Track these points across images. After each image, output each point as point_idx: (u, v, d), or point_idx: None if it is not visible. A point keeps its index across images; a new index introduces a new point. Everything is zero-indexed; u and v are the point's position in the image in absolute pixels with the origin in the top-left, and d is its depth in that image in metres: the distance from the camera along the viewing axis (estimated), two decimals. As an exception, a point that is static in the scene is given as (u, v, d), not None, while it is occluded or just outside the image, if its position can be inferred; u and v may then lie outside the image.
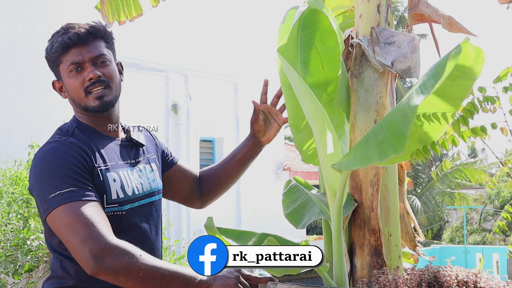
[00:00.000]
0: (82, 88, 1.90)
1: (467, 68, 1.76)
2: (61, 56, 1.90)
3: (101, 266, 1.65)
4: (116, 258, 1.66)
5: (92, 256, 1.65)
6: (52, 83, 2.00)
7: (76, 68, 1.89)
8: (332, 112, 2.18)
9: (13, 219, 4.11)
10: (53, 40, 1.93)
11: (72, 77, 1.90)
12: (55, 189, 1.74)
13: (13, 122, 8.73)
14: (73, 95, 1.92)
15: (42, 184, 1.77)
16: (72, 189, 1.75)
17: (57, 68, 1.94)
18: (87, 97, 1.90)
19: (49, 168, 1.79)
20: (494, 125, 1.75)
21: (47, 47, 1.95)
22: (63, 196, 1.73)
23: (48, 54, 1.94)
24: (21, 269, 3.93)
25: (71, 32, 1.90)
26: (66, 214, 1.71)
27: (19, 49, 8.99)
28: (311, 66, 2.20)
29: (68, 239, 1.70)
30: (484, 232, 20.39)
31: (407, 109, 1.68)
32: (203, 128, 11.63)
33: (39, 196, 1.79)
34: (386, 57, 2.11)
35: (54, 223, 1.74)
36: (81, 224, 1.69)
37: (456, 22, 2.27)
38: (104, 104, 1.91)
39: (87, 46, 1.90)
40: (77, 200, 1.73)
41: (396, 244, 2.14)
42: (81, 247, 1.66)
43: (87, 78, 1.89)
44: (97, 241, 1.67)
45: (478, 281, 1.64)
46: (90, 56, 1.90)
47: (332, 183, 1.98)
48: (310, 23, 2.17)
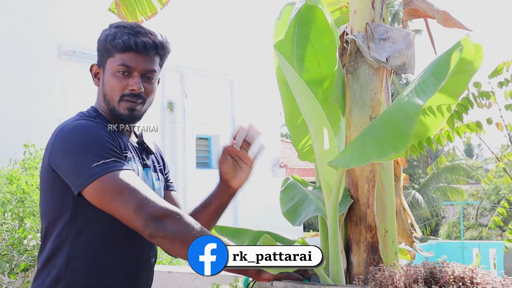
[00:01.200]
0: (120, 93, 1.86)
1: (466, 64, 1.76)
2: (117, 53, 1.85)
3: (161, 228, 1.66)
4: (175, 222, 1.67)
5: (151, 219, 1.65)
6: (91, 66, 1.94)
7: (124, 71, 1.85)
8: (328, 108, 2.17)
9: (8, 218, 4.10)
10: (116, 33, 1.86)
11: (117, 77, 1.86)
12: (98, 158, 1.70)
13: (13, 121, 8.71)
14: (108, 92, 1.88)
15: (80, 156, 1.71)
16: (115, 159, 1.73)
17: (105, 58, 1.89)
18: (120, 103, 1.87)
19: (87, 140, 1.74)
20: (490, 120, 1.74)
21: (107, 34, 1.88)
22: (108, 165, 1.70)
23: (105, 42, 1.88)
24: (17, 268, 3.92)
25: (139, 38, 1.85)
26: (115, 181, 1.68)
27: (19, 49, 8.96)
28: (307, 62, 2.20)
29: (119, 206, 1.68)
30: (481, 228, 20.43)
31: (409, 109, 1.68)
32: (199, 125, 11.63)
33: (74, 168, 1.71)
34: (381, 53, 2.10)
35: (100, 192, 1.69)
36: (133, 191, 1.68)
37: (451, 17, 2.26)
38: (132, 117, 1.90)
39: (145, 57, 1.87)
40: (123, 168, 1.72)
41: (393, 241, 2.14)
42: (138, 212, 1.66)
43: (130, 87, 1.85)
44: (156, 205, 1.67)
45: (475, 277, 1.64)
46: (143, 68, 1.86)
47: (328, 180, 1.98)
48: (306, 20, 2.16)
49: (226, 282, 3.45)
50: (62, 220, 1.80)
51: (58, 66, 9.35)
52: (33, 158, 5.35)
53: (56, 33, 9.31)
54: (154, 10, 3.06)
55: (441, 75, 1.66)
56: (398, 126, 1.70)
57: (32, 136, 6.88)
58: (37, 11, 9.13)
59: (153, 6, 3.06)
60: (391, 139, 1.70)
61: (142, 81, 1.87)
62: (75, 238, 1.79)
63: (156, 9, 3.07)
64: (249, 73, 12.57)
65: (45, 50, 9.25)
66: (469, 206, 22.08)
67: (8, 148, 7.82)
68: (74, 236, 1.79)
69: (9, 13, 8.91)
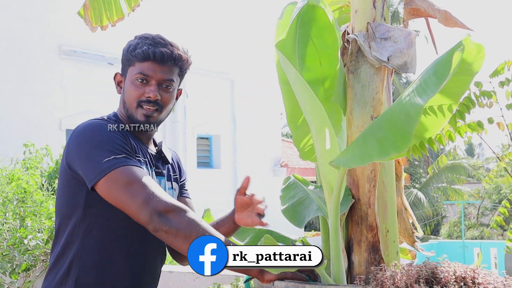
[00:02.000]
0: (137, 99, 1.92)
1: (467, 64, 1.76)
2: (136, 62, 1.92)
3: (165, 222, 1.69)
4: (179, 217, 1.71)
5: (156, 213, 1.70)
6: (115, 74, 2.02)
7: (142, 79, 1.92)
8: (330, 108, 2.17)
9: (9, 218, 4.10)
10: (138, 43, 1.94)
11: (134, 84, 1.93)
12: (109, 154, 1.76)
13: (9, 121, 8.71)
14: (127, 99, 1.95)
15: (92, 152, 1.78)
16: (126, 155, 1.79)
17: (127, 67, 1.96)
18: (137, 109, 1.93)
19: (99, 137, 1.81)
20: (491, 120, 1.74)
21: (130, 45, 1.96)
22: (118, 160, 1.76)
23: (127, 52, 1.96)
24: (18, 268, 3.92)
25: (158, 48, 1.92)
26: (125, 175, 1.74)
27: (18, 49, 8.97)
28: (308, 62, 2.19)
29: (127, 199, 1.73)
30: (482, 227, 20.42)
31: (410, 108, 1.67)
32: (200, 125, 11.63)
33: (87, 163, 1.78)
34: (382, 53, 2.10)
35: (111, 185, 1.75)
36: (142, 184, 1.73)
37: (452, 16, 2.26)
38: (148, 123, 1.94)
39: (163, 66, 1.93)
40: (132, 164, 1.77)
41: (394, 240, 2.14)
42: (144, 206, 1.70)
43: (146, 95, 1.91)
44: (161, 200, 1.72)
45: (476, 277, 1.64)
46: (160, 77, 1.92)
47: (329, 180, 1.98)
48: (308, 19, 2.16)
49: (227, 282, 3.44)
50: (74, 217, 1.85)
51: (59, 66, 9.35)
52: (33, 158, 5.35)
53: (57, 33, 9.31)
54: (121, 15, 3.06)
55: (443, 75, 1.66)
56: (399, 126, 1.70)
57: (32, 136, 6.89)
58: (37, 11, 9.14)
59: (121, 11, 3.05)
60: (393, 139, 1.70)
61: (159, 89, 1.93)
62: (85, 235, 1.84)
63: (123, 15, 3.06)
64: (250, 73, 12.57)
65: (45, 50, 9.25)
66: (470, 205, 22.06)
67: (8, 148, 7.83)
68: (84, 233, 1.84)
69: (9, 13, 8.91)
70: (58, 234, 1.91)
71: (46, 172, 5.64)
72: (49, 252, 4.07)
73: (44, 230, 4.05)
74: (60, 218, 1.90)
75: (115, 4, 3.02)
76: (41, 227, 4.06)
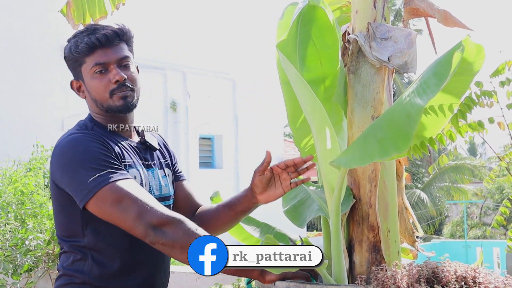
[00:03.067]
0: (108, 90, 1.88)
1: (467, 65, 1.76)
2: (86, 57, 1.88)
3: (160, 236, 1.68)
4: (175, 228, 1.69)
5: (151, 227, 1.68)
6: (70, 83, 1.98)
7: (101, 69, 1.88)
8: (330, 108, 2.17)
9: (11, 219, 4.11)
10: (77, 40, 1.90)
11: (96, 78, 1.88)
12: (93, 172, 1.73)
13: (13, 121, 8.72)
14: (96, 95, 1.90)
15: (76, 172, 1.75)
16: (110, 170, 1.75)
17: (78, 68, 1.92)
18: (112, 98, 1.89)
19: (80, 155, 1.77)
20: (492, 119, 1.74)
21: (69, 47, 1.92)
22: (103, 177, 1.72)
23: (71, 53, 1.91)
24: (20, 269, 3.92)
25: (98, 33, 1.88)
26: (113, 192, 1.71)
27: (18, 49, 8.98)
28: (309, 62, 2.19)
29: (120, 216, 1.71)
30: (485, 227, 20.38)
31: (410, 109, 1.68)
32: (202, 125, 11.63)
33: (73, 184, 1.75)
34: (382, 53, 2.10)
35: (101, 205, 1.72)
36: (132, 199, 1.70)
37: (452, 16, 2.26)
38: (128, 104, 1.91)
39: (112, 47, 1.89)
40: (119, 179, 1.74)
41: (395, 240, 2.14)
42: (137, 220, 1.68)
43: (113, 80, 1.87)
44: (154, 213, 1.69)
45: (477, 276, 1.64)
46: (115, 57, 1.89)
47: (330, 180, 1.98)
48: (309, 20, 2.16)
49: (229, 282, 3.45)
50: (75, 236, 1.84)
51: (59, 66, 9.34)
52: (38, 159, 5.36)
53: (57, 32, 9.31)
54: (104, 13, 3.05)
55: (443, 75, 1.66)
56: (400, 126, 1.70)
57: (34, 137, 6.89)
58: (38, 11, 9.14)
59: (104, 9, 3.04)
60: (393, 139, 1.70)
61: (121, 70, 1.89)
62: (90, 251, 1.82)
63: (106, 13, 3.05)
64: (251, 73, 12.57)
65: (46, 49, 9.26)
66: (473, 205, 22.03)
67: (8, 148, 7.85)
68: (90, 249, 1.82)
69: (10, 13, 8.92)
70: (61, 247, 1.90)
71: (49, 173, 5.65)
72: (51, 252, 4.08)
73: (45, 231, 4.06)
74: (61, 232, 1.89)
75: (98, 2, 3.00)
76: (42, 228, 4.07)
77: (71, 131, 1.89)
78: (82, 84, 1.93)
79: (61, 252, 1.92)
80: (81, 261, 1.84)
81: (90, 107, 1.97)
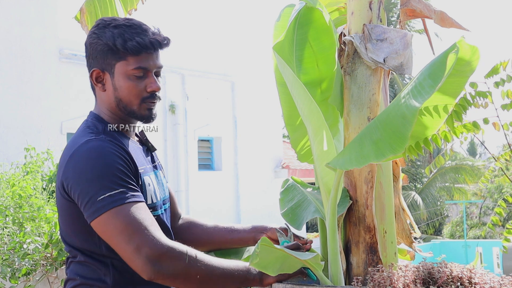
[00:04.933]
0: (140, 97, 1.81)
1: (462, 66, 1.76)
2: (130, 55, 1.78)
3: (159, 271, 1.62)
4: (174, 261, 1.64)
5: (149, 262, 1.61)
6: (92, 71, 1.84)
7: (141, 74, 1.80)
8: (327, 110, 2.17)
9: (9, 222, 4.11)
10: (123, 34, 1.78)
11: (133, 80, 1.79)
12: (103, 191, 1.66)
13: (10, 124, 8.72)
14: (124, 97, 1.81)
15: (89, 186, 1.67)
16: (122, 190, 1.67)
17: (113, 62, 1.80)
18: (141, 106, 1.82)
19: (96, 169, 1.68)
20: (486, 120, 1.74)
21: (112, 37, 1.78)
22: (112, 198, 1.65)
23: (114, 45, 1.78)
24: (18, 272, 3.91)
25: (151, 36, 1.80)
26: (117, 218, 1.64)
27: (18, 52, 8.98)
28: (306, 64, 2.20)
29: (121, 246, 1.64)
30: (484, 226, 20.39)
31: (406, 111, 1.68)
32: (201, 127, 11.63)
33: (84, 198, 1.68)
34: (378, 54, 2.11)
35: (104, 228, 1.66)
36: (134, 229, 1.64)
37: (448, 17, 2.26)
38: (152, 116, 1.86)
39: (155, 54, 1.82)
40: (126, 202, 1.66)
41: (392, 241, 2.14)
42: (136, 254, 1.62)
43: (149, 89, 1.80)
44: (153, 246, 1.63)
45: (473, 276, 1.64)
46: (156, 65, 1.82)
47: (326, 181, 1.98)
48: (306, 21, 2.17)
49: None
50: (90, 241, 1.76)
51: (59, 69, 9.36)
52: (34, 162, 5.36)
53: (57, 36, 9.33)
54: None
55: (437, 77, 1.66)
56: (395, 128, 1.70)
57: (33, 140, 6.90)
58: (37, 14, 9.15)
59: (117, 15, 3.05)
60: (389, 141, 1.70)
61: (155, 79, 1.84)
62: (110, 255, 1.75)
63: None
64: (250, 74, 12.58)
65: (45, 53, 9.26)
66: (472, 205, 22.05)
67: (7, 151, 7.85)
68: (108, 254, 1.75)
69: (5, 15, 8.92)
70: (72, 256, 1.81)
71: (47, 176, 5.65)
72: (49, 256, 4.07)
73: (43, 235, 4.06)
74: (74, 247, 1.80)
75: (111, 8, 3.02)
76: (40, 232, 4.06)
77: (85, 136, 1.78)
78: (108, 77, 1.82)
79: (72, 260, 1.82)
80: (101, 270, 1.76)
81: (104, 102, 1.86)
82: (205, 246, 2.11)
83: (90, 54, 1.85)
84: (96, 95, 1.90)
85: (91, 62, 1.86)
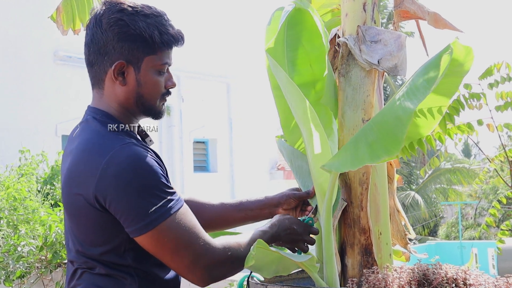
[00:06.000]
0: (161, 93, 1.73)
1: (456, 66, 1.77)
2: (161, 50, 1.68)
3: (217, 276, 1.64)
4: (227, 265, 1.66)
5: (207, 271, 1.62)
6: (117, 63, 1.66)
7: (165, 70, 1.72)
8: (321, 111, 2.17)
9: (4, 225, 4.09)
10: (158, 27, 1.67)
11: (158, 76, 1.69)
12: (152, 204, 1.56)
13: (5, 126, 8.70)
14: (148, 93, 1.70)
15: (135, 199, 1.56)
16: (169, 198, 1.59)
17: (142, 55, 1.67)
18: (160, 102, 1.74)
19: (143, 179, 1.57)
20: (480, 121, 1.75)
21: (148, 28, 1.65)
22: (161, 210, 1.56)
23: (151, 37, 1.66)
24: (13, 275, 3.90)
25: (176, 30, 1.72)
26: (169, 231, 1.57)
27: (14, 54, 8.96)
28: (298, 65, 2.20)
29: (176, 259, 1.60)
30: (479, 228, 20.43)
31: (401, 112, 1.68)
32: (196, 129, 11.63)
33: (129, 212, 1.56)
34: (372, 56, 2.10)
35: (156, 242, 1.58)
36: (187, 241, 1.59)
37: (442, 18, 2.26)
38: (164, 112, 1.80)
39: (172, 51, 1.74)
40: (175, 211, 1.59)
41: (387, 243, 2.14)
42: (194, 265, 1.60)
43: (171, 84, 1.74)
44: (209, 255, 1.62)
45: (467, 278, 1.64)
46: (171, 62, 1.76)
47: (321, 183, 1.98)
48: (296, 22, 2.17)
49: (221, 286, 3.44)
50: (112, 252, 1.65)
51: (54, 71, 9.35)
52: (29, 164, 5.35)
53: (52, 38, 9.31)
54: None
55: (432, 78, 1.66)
56: (390, 130, 1.70)
57: (28, 142, 6.87)
58: (32, 17, 9.14)
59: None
60: (384, 143, 1.71)
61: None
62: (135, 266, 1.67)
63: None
64: (246, 76, 12.59)
65: (40, 55, 9.25)
66: (468, 206, 22.10)
67: (3, 153, 7.82)
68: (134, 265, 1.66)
69: (5, 18, 8.91)
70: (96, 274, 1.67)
71: (42, 178, 5.64)
72: (44, 259, 4.06)
73: (38, 237, 4.04)
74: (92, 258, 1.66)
75: (89, 7, 2.98)
76: (35, 234, 4.05)
77: (115, 139, 1.63)
78: (132, 71, 1.68)
79: (87, 270, 1.69)
80: (126, 280, 1.65)
81: (118, 97, 1.71)
82: (213, 227, 2.05)
83: (110, 42, 1.66)
84: (104, 89, 1.73)
85: (110, 51, 1.67)
